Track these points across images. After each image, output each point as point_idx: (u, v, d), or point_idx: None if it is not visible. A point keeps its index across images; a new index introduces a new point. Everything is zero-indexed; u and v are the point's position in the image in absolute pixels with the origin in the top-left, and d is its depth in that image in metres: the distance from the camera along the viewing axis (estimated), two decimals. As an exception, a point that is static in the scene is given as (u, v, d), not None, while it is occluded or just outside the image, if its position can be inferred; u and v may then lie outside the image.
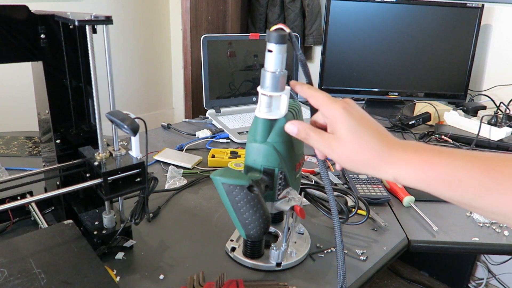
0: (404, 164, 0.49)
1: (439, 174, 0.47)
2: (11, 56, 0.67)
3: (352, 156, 0.52)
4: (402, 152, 0.50)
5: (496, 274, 1.91)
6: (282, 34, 0.58)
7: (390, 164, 0.50)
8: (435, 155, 0.48)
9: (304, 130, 0.57)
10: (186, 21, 2.39)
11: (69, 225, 0.71)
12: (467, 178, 0.45)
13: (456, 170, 0.46)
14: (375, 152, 0.51)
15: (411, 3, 1.63)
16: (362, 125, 0.52)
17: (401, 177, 0.50)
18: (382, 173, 0.51)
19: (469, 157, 0.46)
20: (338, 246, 0.61)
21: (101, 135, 0.69)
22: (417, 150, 0.49)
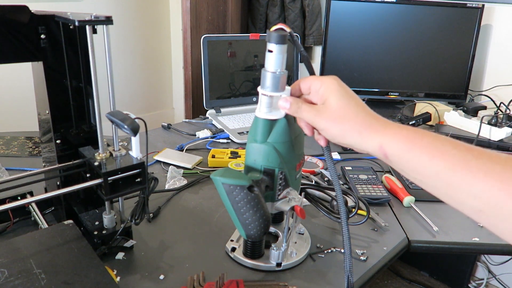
0: (391, 132, 0.51)
1: (425, 144, 0.48)
2: (11, 56, 0.67)
3: (339, 122, 0.54)
4: (389, 124, 0.52)
5: (496, 274, 1.91)
6: (283, 34, 0.58)
7: (377, 132, 0.52)
8: (422, 131, 0.50)
9: (296, 103, 0.59)
10: (186, 21, 2.39)
11: (69, 225, 0.71)
12: (451, 150, 0.46)
13: (442, 143, 0.47)
14: (363, 120, 0.53)
15: (411, 3, 1.63)
16: (351, 96, 0.55)
17: (387, 145, 0.50)
18: (369, 141, 0.52)
19: (452, 139, 0.48)
20: (346, 245, 0.61)
21: (101, 135, 0.69)
22: (404, 127, 0.51)
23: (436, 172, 0.47)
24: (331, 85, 0.55)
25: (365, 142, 0.52)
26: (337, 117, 0.54)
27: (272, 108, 0.66)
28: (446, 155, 0.46)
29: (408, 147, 0.49)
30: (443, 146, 0.47)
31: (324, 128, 0.55)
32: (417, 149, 0.48)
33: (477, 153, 0.45)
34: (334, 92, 0.54)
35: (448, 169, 0.45)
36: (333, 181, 0.62)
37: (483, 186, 0.43)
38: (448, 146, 0.47)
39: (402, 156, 0.49)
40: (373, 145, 0.52)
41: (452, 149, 0.46)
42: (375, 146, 0.51)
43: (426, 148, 0.48)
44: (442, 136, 0.48)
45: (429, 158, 0.47)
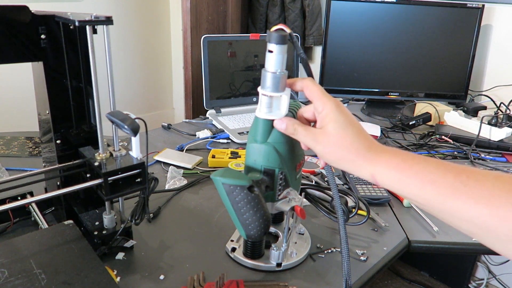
0: (383, 164, 0.53)
1: (415, 174, 0.50)
2: (11, 57, 0.67)
3: (335, 150, 0.56)
4: (382, 153, 0.54)
5: (496, 275, 1.91)
6: (283, 34, 0.58)
7: (370, 162, 0.54)
8: (412, 158, 0.52)
9: (292, 125, 0.60)
10: (186, 21, 2.39)
11: (69, 226, 0.71)
12: (440, 179, 0.47)
13: (430, 171, 0.49)
14: (358, 150, 0.54)
15: (411, 4, 1.63)
16: (350, 124, 0.56)
17: (379, 175, 0.53)
18: (361, 170, 0.55)
19: (442, 163, 0.50)
20: (343, 240, 0.62)
21: (101, 136, 0.69)
22: (395, 154, 0.53)
23: (427, 200, 0.49)
24: (332, 112, 0.56)
25: (358, 171, 0.55)
26: (332, 146, 0.55)
27: (272, 108, 0.66)
28: (435, 184, 0.48)
29: (398, 177, 0.51)
30: (432, 175, 0.48)
31: (320, 154, 0.58)
32: (406, 179, 0.50)
33: (466, 178, 0.46)
34: (333, 120, 0.55)
35: (438, 198, 0.47)
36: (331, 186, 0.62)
37: (474, 213, 0.44)
38: (437, 174, 0.48)
39: (393, 185, 0.52)
40: (365, 174, 0.54)
41: (441, 177, 0.47)
42: (367, 175, 0.54)
43: (416, 177, 0.49)
44: (433, 163, 0.50)
45: (419, 187, 0.49)
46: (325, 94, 0.57)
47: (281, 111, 0.66)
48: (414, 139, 1.44)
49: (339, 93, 1.75)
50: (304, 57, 0.60)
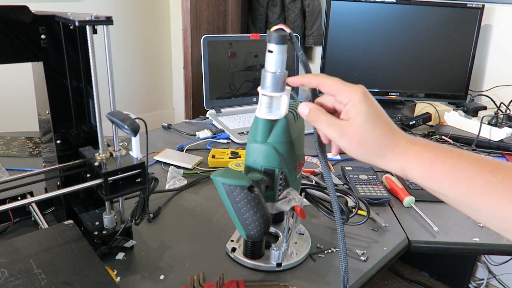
0: (414, 157, 0.50)
1: (448, 170, 0.47)
2: (11, 57, 0.67)
3: (363, 145, 0.52)
4: (412, 145, 0.50)
5: (496, 275, 1.91)
6: (283, 34, 0.58)
7: (399, 156, 0.50)
8: (445, 152, 0.48)
9: (315, 112, 0.55)
10: (186, 21, 2.39)
11: (69, 226, 0.71)
12: (474, 175, 0.45)
13: (465, 167, 0.46)
14: (387, 144, 0.51)
15: (411, 4, 1.63)
16: (379, 116, 0.52)
17: (410, 170, 0.50)
18: (390, 164, 0.51)
19: (477, 158, 0.47)
20: (341, 246, 0.61)
21: (101, 136, 0.69)
22: (427, 146, 0.50)
23: (458, 196, 0.47)
24: (359, 103, 0.52)
25: (386, 165, 0.52)
26: (360, 140, 0.52)
27: (272, 108, 0.66)
28: (468, 181, 0.45)
29: (430, 173, 0.48)
30: (466, 172, 0.46)
31: (345, 148, 0.53)
32: (438, 175, 0.48)
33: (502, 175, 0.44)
34: (362, 112, 0.51)
35: (471, 195, 0.45)
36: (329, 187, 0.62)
37: (508, 211, 0.43)
38: (471, 171, 0.46)
39: (424, 180, 0.49)
40: (394, 168, 0.51)
41: (476, 175, 0.45)
42: (396, 169, 0.51)
43: (449, 173, 0.47)
44: (467, 157, 0.47)
45: (451, 184, 0.47)
46: (347, 85, 0.53)
47: (281, 111, 0.66)
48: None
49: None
50: (303, 58, 0.59)
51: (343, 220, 0.82)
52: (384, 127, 0.52)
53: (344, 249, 0.61)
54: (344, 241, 0.61)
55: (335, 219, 0.61)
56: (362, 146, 0.52)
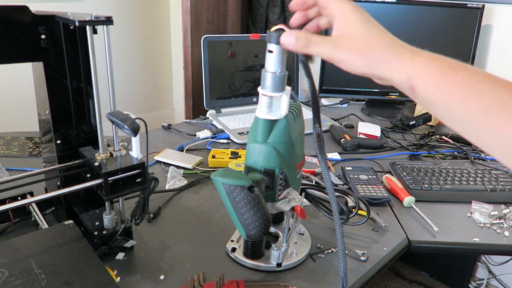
0: (422, 63, 0.45)
1: (460, 80, 0.42)
2: (11, 57, 0.67)
3: (362, 52, 0.48)
4: (420, 53, 0.46)
5: (496, 275, 1.91)
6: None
7: (407, 62, 0.46)
8: (458, 63, 0.44)
9: (304, 35, 0.51)
10: (186, 21, 2.40)
11: (69, 226, 0.71)
12: (488, 90, 0.41)
13: (479, 80, 0.42)
14: (389, 47, 0.47)
15: (411, 4, 1.63)
16: (376, 23, 0.49)
17: (416, 77, 0.45)
18: (395, 72, 0.46)
19: (492, 75, 0.43)
20: (340, 247, 0.61)
21: (101, 136, 0.69)
22: (436, 56, 0.45)
23: (467, 113, 0.42)
24: (351, 12, 0.48)
25: (391, 73, 0.47)
26: (360, 47, 0.47)
27: (272, 108, 0.66)
28: (481, 95, 0.41)
29: (439, 83, 0.43)
30: (479, 84, 0.42)
31: (344, 60, 0.49)
32: (449, 86, 0.43)
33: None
34: (354, 19, 0.48)
35: (481, 111, 0.41)
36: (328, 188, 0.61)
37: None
38: (485, 84, 0.41)
39: (432, 92, 0.44)
40: (400, 77, 0.46)
41: (489, 88, 0.41)
42: (402, 78, 0.46)
43: (460, 85, 0.42)
44: (481, 72, 0.43)
45: (462, 97, 0.42)
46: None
47: (281, 111, 0.66)
48: (414, 139, 1.44)
49: (339, 93, 1.74)
50: (303, 59, 0.59)
51: (343, 220, 0.82)
52: (384, 33, 0.48)
53: (343, 249, 0.61)
54: (343, 242, 0.61)
55: (334, 219, 0.61)
56: (363, 53, 0.48)
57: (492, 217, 0.95)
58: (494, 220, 0.94)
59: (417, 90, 0.45)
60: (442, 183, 1.07)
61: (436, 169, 1.13)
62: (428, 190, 1.04)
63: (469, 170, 1.13)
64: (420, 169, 1.13)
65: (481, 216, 0.95)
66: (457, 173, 1.11)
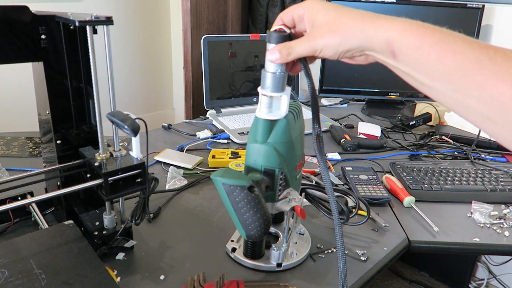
0: (399, 26, 0.46)
1: (436, 41, 0.43)
2: (11, 57, 0.67)
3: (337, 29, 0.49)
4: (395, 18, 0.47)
5: (496, 275, 1.91)
6: (283, 34, 0.58)
7: (383, 26, 0.47)
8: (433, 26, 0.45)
9: (284, 46, 0.54)
10: (186, 21, 2.40)
11: (69, 226, 0.71)
12: (464, 50, 0.42)
13: (455, 40, 0.43)
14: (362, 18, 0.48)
15: (411, 4, 1.63)
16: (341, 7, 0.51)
17: (395, 40, 0.45)
18: (374, 38, 0.47)
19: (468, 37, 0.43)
20: (339, 247, 0.61)
21: (101, 136, 0.69)
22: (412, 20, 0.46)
23: (444, 73, 0.43)
24: (315, 5, 0.51)
25: (370, 40, 0.47)
26: (332, 27, 0.49)
27: (272, 108, 0.66)
28: (457, 55, 0.42)
29: (417, 44, 0.44)
30: (455, 44, 0.42)
31: (324, 46, 0.50)
32: (426, 46, 0.43)
33: (493, 52, 0.40)
34: (320, 10, 0.51)
35: (458, 70, 0.41)
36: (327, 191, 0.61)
37: (495, 92, 0.39)
38: (461, 44, 0.42)
39: (411, 54, 0.45)
40: (379, 42, 0.47)
41: (465, 48, 0.41)
42: (381, 43, 0.47)
43: (437, 45, 0.43)
44: (456, 33, 0.43)
45: (439, 56, 0.43)
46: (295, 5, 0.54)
47: (281, 111, 0.66)
48: (415, 139, 1.44)
49: (339, 93, 1.74)
50: (303, 60, 0.59)
51: (343, 220, 0.82)
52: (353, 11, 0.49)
53: (343, 250, 0.61)
54: (343, 242, 0.61)
55: (334, 221, 0.61)
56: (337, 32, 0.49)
57: (492, 217, 0.95)
58: (494, 220, 0.94)
59: (397, 54, 0.46)
60: (442, 183, 1.07)
61: (436, 169, 1.13)
62: (428, 190, 1.04)
63: (469, 170, 1.13)
64: (420, 169, 1.13)
65: (481, 216, 0.95)
66: (457, 173, 1.11)
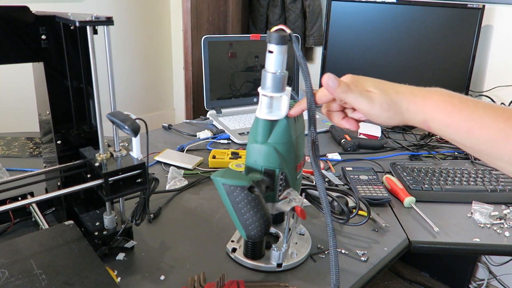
0: (432, 106, 0.54)
1: (464, 118, 0.50)
2: (12, 57, 0.67)
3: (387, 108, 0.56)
4: (427, 94, 0.55)
5: (497, 275, 1.91)
6: (283, 35, 0.58)
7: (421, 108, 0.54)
8: (461, 101, 0.52)
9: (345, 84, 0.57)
10: (186, 21, 2.39)
11: (70, 226, 0.71)
12: (489, 124, 0.49)
13: (480, 115, 0.50)
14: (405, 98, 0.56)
15: (411, 4, 1.63)
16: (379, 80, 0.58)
17: (430, 120, 0.54)
18: (413, 118, 0.55)
19: (492, 107, 0.50)
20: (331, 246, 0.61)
21: (102, 136, 0.69)
22: (444, 95, 0.54)
23: (474, 144, 0.50)
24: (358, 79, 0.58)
25: (411, 120, 0.56)
26: (384, 104, 0.56)
27: (272, 108, 0.66)
28: (484, 130, 0.49)
29: (448, 122, 0.52)
30: (481, 120, 0.49)
31: (374, 115, 0.57)
32: (455, 123, 0.51)
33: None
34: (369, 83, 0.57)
35: (487, 141, 0.49)
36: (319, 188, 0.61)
37: None
38: (486, 119, 0.49)
39: (444, 129, 0.53)
40: (418, 121, 0.55)
41: (490, 123, 0.48)
42: (420, 122, 0.55)
43: (465, 122, 0.50)
44: (482, 106, 0.50)
45: (467, 130, 0.50)
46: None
47: (281, 112, 0.66)
48: (415, 139, 1.44)
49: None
50: (301, 61, 0.58)
51: (343, 221, 0.82)
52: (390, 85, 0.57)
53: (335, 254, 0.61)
54: (335, 243, 0.61)
55: (326, 223, 0.60)
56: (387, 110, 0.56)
57: (493, 218, 0.95)
58: (494, 221, 0.94)
59: (433, 129, 0.55)
60: (443, 183, 1.06)
61: (436, 170, 1.13)
62: (429, 191, 1.04)
63: (469, 170, 1.13)
64: (421, 169, 1.13)
65: (481, 216, 0.95)
66: (457, 174, 1.11)
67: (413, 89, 0.57)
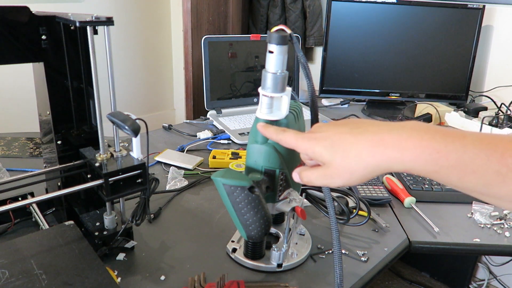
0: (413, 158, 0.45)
1: (452, 163, 0.43)
2: (12, 57, 0.67)
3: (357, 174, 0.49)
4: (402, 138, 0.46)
5: (497, 275, 1.91)
6: (283, 35, 0.58)
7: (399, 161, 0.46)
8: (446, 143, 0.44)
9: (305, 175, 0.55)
10: (187, 22, 2.39)
11: (70, 226, 0.71)
12: (482, 167, 0.42)
13: (471, 158, 0.42)
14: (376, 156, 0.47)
15: (412, 4, 1.63)
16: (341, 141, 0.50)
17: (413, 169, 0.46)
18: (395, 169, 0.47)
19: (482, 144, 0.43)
20: (336, 247, 0.60)
21: (102, 136, 0.69)
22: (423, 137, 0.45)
23: (469, 189, 0.44)
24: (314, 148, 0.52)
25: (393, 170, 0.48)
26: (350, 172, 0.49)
27: (272, 109, 0.66)
28: (477, 173, 0.42)
29: (435, 169, 0.45)
30: (472, 163, 0.42)
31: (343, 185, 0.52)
32: (444, 170, 0.44)
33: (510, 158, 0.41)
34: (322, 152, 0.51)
35: (482, 185, 0.43)
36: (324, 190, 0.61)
37: None
38: (478, 162, 0.42)
39: (432, 176, 0.46)
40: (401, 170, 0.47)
41: (483, 165, 0.42)
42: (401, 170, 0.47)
43: (454, 168, 0.43)
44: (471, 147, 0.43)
45: (459, 178, 0.44)
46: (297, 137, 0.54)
47: (281, 112, 0.66)
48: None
49: (339, 93, 1.75)
50: (303, 60, 0.59)
51: (344, 221, 0.82)
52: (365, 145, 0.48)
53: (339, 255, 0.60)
54: (339, 244, 0.61)
55: (331, 223, 0.61)
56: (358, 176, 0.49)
57: (493, 218, 0.95)
58: (494, 221, 0.94)
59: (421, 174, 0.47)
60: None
61: (436, 170, 1.13)
62: (429, 191, 1.04)
63: (469, 170, 1.13)
64: (421, 169, 1.13)
65: (481, 216, 0.95)
66: (457, 174, 1.11)
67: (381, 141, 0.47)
